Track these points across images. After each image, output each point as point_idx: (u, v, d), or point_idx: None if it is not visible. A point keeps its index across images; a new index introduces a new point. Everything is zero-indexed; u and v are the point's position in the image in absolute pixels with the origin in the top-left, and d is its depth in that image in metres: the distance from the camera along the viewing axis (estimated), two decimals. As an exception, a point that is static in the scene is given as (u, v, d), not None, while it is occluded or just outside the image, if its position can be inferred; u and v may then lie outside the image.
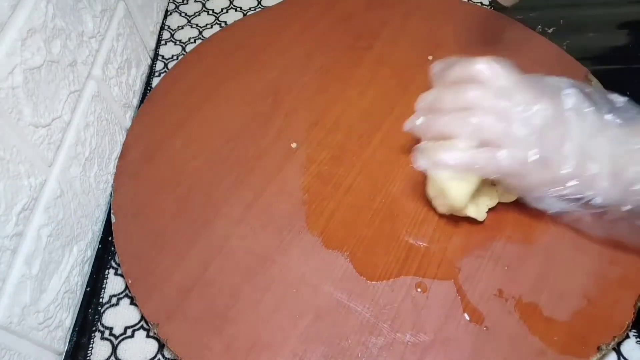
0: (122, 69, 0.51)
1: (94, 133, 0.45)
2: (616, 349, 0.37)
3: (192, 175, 0.47)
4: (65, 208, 0.40)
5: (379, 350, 0.36)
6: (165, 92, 0.54)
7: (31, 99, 0.36)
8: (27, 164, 0.35)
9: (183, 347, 0.37)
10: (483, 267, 0.40)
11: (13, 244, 0.33)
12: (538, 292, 0.38)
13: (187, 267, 0.41)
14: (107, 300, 0.42)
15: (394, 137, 0.48)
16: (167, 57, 0.60)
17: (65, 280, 0.40)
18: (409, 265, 0.40)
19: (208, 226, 0.43)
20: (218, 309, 0.39)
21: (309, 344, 0.37)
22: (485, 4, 0.62)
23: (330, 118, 0.51)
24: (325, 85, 0.54)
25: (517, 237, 0.41)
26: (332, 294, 0.39)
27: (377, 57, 0.56)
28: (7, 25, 0.34)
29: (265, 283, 0.40)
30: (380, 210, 0.44)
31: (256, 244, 0.42)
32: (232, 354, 0.37)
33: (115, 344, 0.40)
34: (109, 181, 0.47)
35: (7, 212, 0.33)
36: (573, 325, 0.36)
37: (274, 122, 0.51)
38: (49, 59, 0.38)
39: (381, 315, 0.38)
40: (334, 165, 0.47)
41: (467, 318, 0.38)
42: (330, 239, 0.42)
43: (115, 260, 0.44)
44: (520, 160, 0.36)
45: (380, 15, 0.60)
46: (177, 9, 0.65)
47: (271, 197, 0.45)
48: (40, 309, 0.36)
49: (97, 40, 0.46)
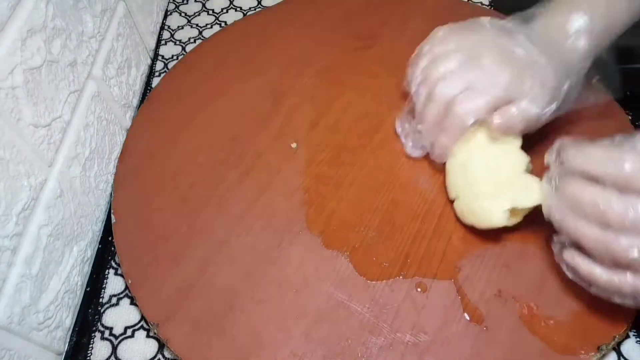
0: (122, 69, 0.51)
1: (94, 133, 0.45)
2: (616, 349, 0.37)
3: (192, 175, 0.47)
4: (65, 208, 0.40)
5: (379, 350, 0.36)
6: (165, 92, 0.54)
7: (31, 99, 0.36)
8: (27, 164, 0.35)
9: (183, 347, 0.37)
10: (483, 267, 0.40)
11: (13, 244, 0.33)
12: (538, 292, 0.38)
13: (187, 267, 0.41)
14: (107, 300, 0.42)
15: (394, 137, 0.48)
16: (167, 57, 0.60)
17: (65, 280, 0.40)
18: (409, 265, 0.40)
19: (208, 226, 0.43)
20: (218, 308, 0.39)
21: (309, 344, 0.37)
22: (485, 4, 0.62)
23: (330, 118, 0.51)
24: (325, 85, 0.54)
25: (517, 237, 0.41)
26: (332, 294, 0.39)
27: (377, 57, 0.56)
28: (7, 25, 0.34)
29: (265, 283, 0.40)
30: (380, 210, 0.44)
31: (256, 244, 0.42)
32: (232, 354, 0.37)
33: (115, 344, 0.40)
34: (109, 181, 0.47)
35: (7, 212, 0.33)
36: (573, 325, 0.36)
37: (274, 122, 0.51)
38: (49, 59, 0.38)
39: (381, 315, 0.38)
40: (334, 165, 0.47)
41: (467, 318, 0.38)
42: (330, 239, 0.42)
43: (115, 260, 0.44)
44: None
45: (380, 15, 0.60)
46: (177, 9, 0.65)
47: (271, 197, 0.45)
48: (40, 309, 0.36)
49: (97, 40, 0.46)
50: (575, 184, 0.33)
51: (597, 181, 0.32)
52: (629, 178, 0.30)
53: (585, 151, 0.33)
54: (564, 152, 0.34)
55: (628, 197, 0.30)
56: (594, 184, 0.32)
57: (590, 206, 0.31)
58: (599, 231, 0.31)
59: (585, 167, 0.32)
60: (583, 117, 0.49)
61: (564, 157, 0.34)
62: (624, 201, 0.30)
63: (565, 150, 0.34)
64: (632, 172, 0.30)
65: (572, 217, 0.33)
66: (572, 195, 0.33)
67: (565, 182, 0.33)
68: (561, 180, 0.34)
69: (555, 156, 0.35)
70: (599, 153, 0.32)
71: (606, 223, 0.31)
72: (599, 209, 0.31)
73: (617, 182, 0.31)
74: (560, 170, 0.34)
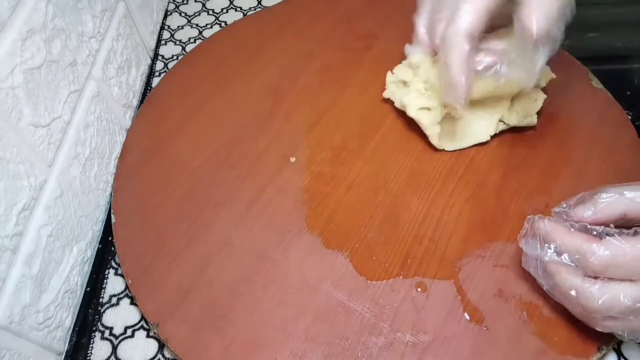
0: (122, 69, 0.51)
1: (94, 133, 0.45)
2: (616, 349, 0.37)
3: (192, 175, 0.47)
4: (65, 208, 0.40)
5: (379, 350, 0.36)
6: (165, 92, 0.54)
7: (31, 99, 0.36)
8: (27, 164, 0.35)
9: (183, 347, 0.37)
10: (483, 267, 0.40)
11: (13, 244, 0.33)
12: (538, 292, 0.38)
13: (187, 267, 0.41)
14: (107, 300, 0.42)
15: (394, 137, 0.48)
16: (167, 57, 0.60)
17: (65, 280, 0.40)
18: (409, 265, 0.40)
19: (208, 226, 0.43)
20: (218, 308, 0.39)
21: (309, 344, 0.37)
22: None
23: (330, 118, 0.51)
24: (325, 85, 0.54)
25: (517, 236, 0.41)
26: (332, 294, 0.39)
27: (377, 57, 0.56)
28: (7, 25, 0.34)
29: (265, 283, 0.40)
30: (380, 210, 0.44)
31: (256, 244, 0.42)
32: (232, 354, 0.37)
33: (115, 344, 0.40)
34: (109, 181, 0.47)
35: (7, 212, 0.33)
36: (573, 325, 0.36)
37: (273, 122, 0.51)
38: (49, 59, 0.38)
39: (381, 315, 0.38)
40: (334, 165, 0.47)
41: (467, 318, 0.38)
42: (330, 239, 0.42)
43: (115, 260, 0.44)
44: None
45: (380, 15, 0.60)
46: (177, 9, 0.65)
47: (271, 197, 0.45)
48: (40, 308, 0.36)
49: (97, 40, 0.46)
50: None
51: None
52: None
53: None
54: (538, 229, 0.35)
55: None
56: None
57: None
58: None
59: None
60: (583, 117, 0.49)
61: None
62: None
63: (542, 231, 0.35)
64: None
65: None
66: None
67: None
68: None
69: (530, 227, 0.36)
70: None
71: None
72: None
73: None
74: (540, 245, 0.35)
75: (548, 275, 0.34)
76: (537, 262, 0.35)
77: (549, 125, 0.48)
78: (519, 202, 0.43)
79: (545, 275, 0.34)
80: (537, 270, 0.35)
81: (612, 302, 0.31)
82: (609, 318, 0.31)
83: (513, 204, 0.43)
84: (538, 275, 0.35)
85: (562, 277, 0.33)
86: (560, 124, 0.49)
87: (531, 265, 0.35)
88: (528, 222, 0.35)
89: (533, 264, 0.35)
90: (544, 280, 0.34)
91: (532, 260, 0.35)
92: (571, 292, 0.32)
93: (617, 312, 0.31)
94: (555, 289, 0.34)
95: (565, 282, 0.32)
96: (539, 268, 0.35)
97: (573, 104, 0.50)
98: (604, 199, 0.33)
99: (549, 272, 0.33)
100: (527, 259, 0.36)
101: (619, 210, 0.33)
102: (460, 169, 0.46)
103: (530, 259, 0.35)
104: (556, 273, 0.33)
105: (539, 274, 0.35)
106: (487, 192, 0.44)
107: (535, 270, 0.35)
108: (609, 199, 0.33)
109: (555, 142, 0.47)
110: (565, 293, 0.33)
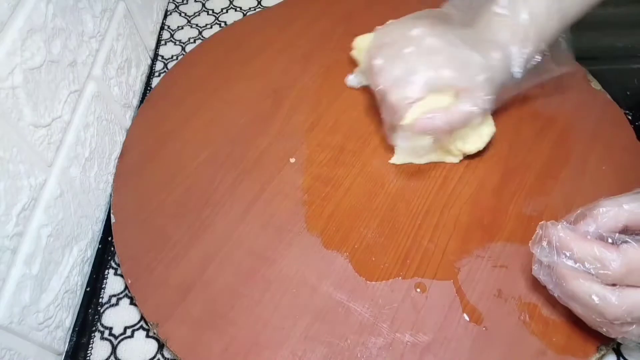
0: (122, 69, 0.51)
1: (94, 133, 0.45)
2: (616, 349, 0.37)
3: (192, 175, 0.47)
4: (65, 208, 0.40)
5: (378, 350, 0.36)
6: (165, 92, 0.54)
7: (31, 99, 0.36)
8: (27, 164, 0.35)
9: (183, 347, 0.37)
10: (483, 267, 0.40)
11: (13, 244, 0.34)
12: (538, 292, 0.38)
13: (187, 267, 0.41)
14: (107, 300, 0.42)
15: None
16: (167, 57, 0.60)
17: (65, 280, 0.40)
18: (409, 265, 0.40)
19: (208, 226, 0.43)
20: (218, 309, 0.39)
21: (309, 344, 0.37)
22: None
23: (330, 118, 0.51)
24: (325, 85, 0.54)
25: (516, 237, 0.41)
26: (332, 294, 0.39)
27: (377, 57, 0.55)
28: (7, 25, 0.34)
29: (265, 283, 0.40)
30: (380, 210, 0.44)
31: (256, 244, 0.42)
32: (232, 354, 0.37)
33: (115, 344, 0.40)
34: (109, 181, 0.47)
35: (7, 212, 0.33)
36: (573, 325, 0.36)
37: (273, 122, 0.51)
38: (49, 59, 0.38)
39: (381, 315, 0.38)
40: (334, 166, 0.47)
41: (466, 318, 0.38)
42: (330, 239, 0.42)
43: (115, 260, 0.44)
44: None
45: (380, 15, 0.60)
46: (177, 9, 0.65)
47: (271, 197, 0.45)
48: (40, 309, 0.36)
49: (97, 40, 0.46)
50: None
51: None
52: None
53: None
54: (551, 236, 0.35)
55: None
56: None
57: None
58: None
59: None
60: (582, 118, 0.49)
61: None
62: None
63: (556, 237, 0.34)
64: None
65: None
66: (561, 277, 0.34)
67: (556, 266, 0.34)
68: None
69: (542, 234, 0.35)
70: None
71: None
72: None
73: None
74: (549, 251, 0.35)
75: (563, 282, 0.33)
76: (550, 268, 0.34)
77: (548, 126, 0.49)
78: (518, 203, 0.43)
79: (560, 282, 0.33)
80: (549, 277, 0.34)
81: (632, 309, 0.31)
82: (626, 324, 0.31)
83: (512, 204, 0.43)
84: (550, 282, 0.34)
85: (579, 283, 0.32)
86: (559, 125, 0.49)
87: (543, 272, 0.35)
88: (541, 227, 0.35)
89: (545, 271, 0.35)
90: (556, 286, 0.34)
91: (545, 267, 0.35)
92: (592, 298, 0.32)
93: (635, 317, 0.31)
94: (570, 295, 0.33)
95: (584, 289, 0.32)
96: (552, 275, 0.34)
97: (572, 104, 0.50)
98: (604, 214, 0.33)
99: (565, 279, 0.33)
100: (538, 266, 0.35)
101: (621, 223, 0.33)
102: (459, 169, 0.46)
103: (542, 265, 0.35)
104: (573, 280, 0.33)
105: (551, 281, 0.34)
106: (487, 193, 0.44)
107: (548, 277, 0.34)
108: (608, 213, 0.33)
109: (554, 142, 0.47)
110: (583, 300, 0.32)
